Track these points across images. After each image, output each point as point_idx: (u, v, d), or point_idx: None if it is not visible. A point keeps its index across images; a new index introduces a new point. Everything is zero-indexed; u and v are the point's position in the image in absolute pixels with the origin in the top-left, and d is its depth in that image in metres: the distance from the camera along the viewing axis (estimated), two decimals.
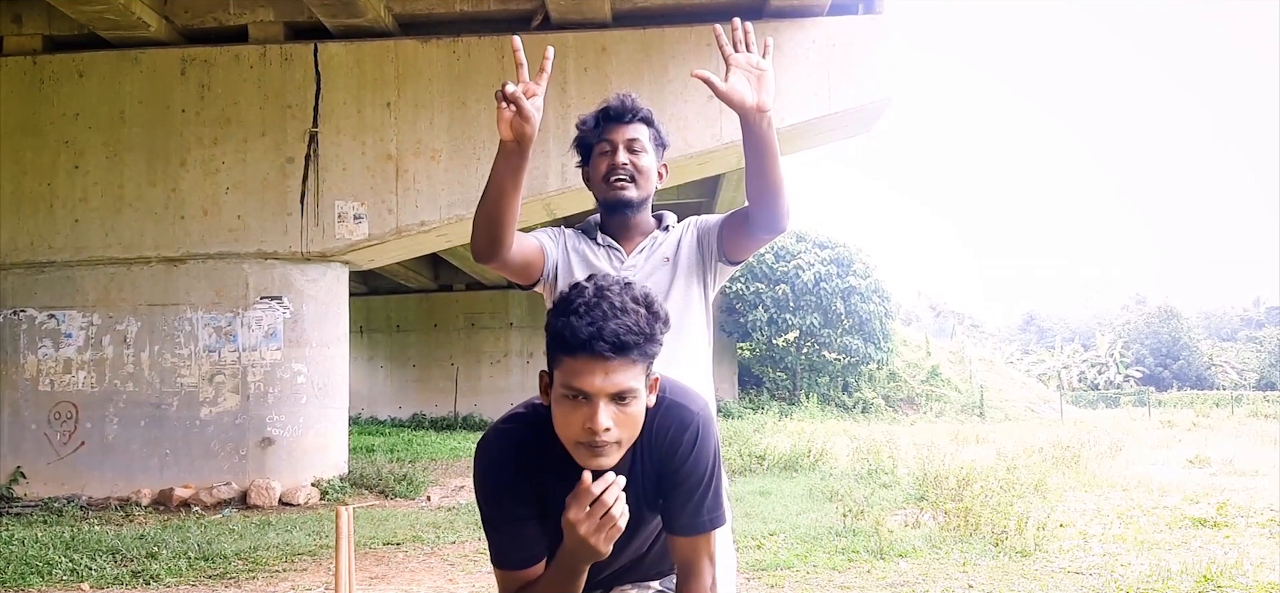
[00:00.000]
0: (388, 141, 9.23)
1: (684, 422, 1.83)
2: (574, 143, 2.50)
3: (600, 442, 1.66)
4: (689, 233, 2.51)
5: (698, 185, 15.10)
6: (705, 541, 1.88)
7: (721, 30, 2.21)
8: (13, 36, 9.52)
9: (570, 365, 1.65)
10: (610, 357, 1.62)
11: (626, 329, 1.63)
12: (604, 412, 1.64)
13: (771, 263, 26.15)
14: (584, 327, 1.62)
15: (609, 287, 1.68)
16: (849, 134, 10.28)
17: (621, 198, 2.42)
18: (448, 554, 6.56)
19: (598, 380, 1.63)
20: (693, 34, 9.07)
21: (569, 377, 1.65)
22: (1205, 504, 8.06)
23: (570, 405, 1.67)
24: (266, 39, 9.36)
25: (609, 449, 1.68)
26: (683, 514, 1.86)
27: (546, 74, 2.11)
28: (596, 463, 1.69)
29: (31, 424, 9.28)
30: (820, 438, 13.21)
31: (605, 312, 1.63)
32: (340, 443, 9.94)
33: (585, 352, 1.63)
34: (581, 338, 1.62)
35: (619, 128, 2.41)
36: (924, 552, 6.16)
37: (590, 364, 1.63)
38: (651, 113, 2.47)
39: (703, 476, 1.85)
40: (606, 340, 1.62)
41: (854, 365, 27.05)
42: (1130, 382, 46.80)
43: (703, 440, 1.84)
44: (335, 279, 9.72)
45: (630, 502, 1.83)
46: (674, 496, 1.86)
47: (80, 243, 9.35)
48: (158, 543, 6.77)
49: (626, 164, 2.40)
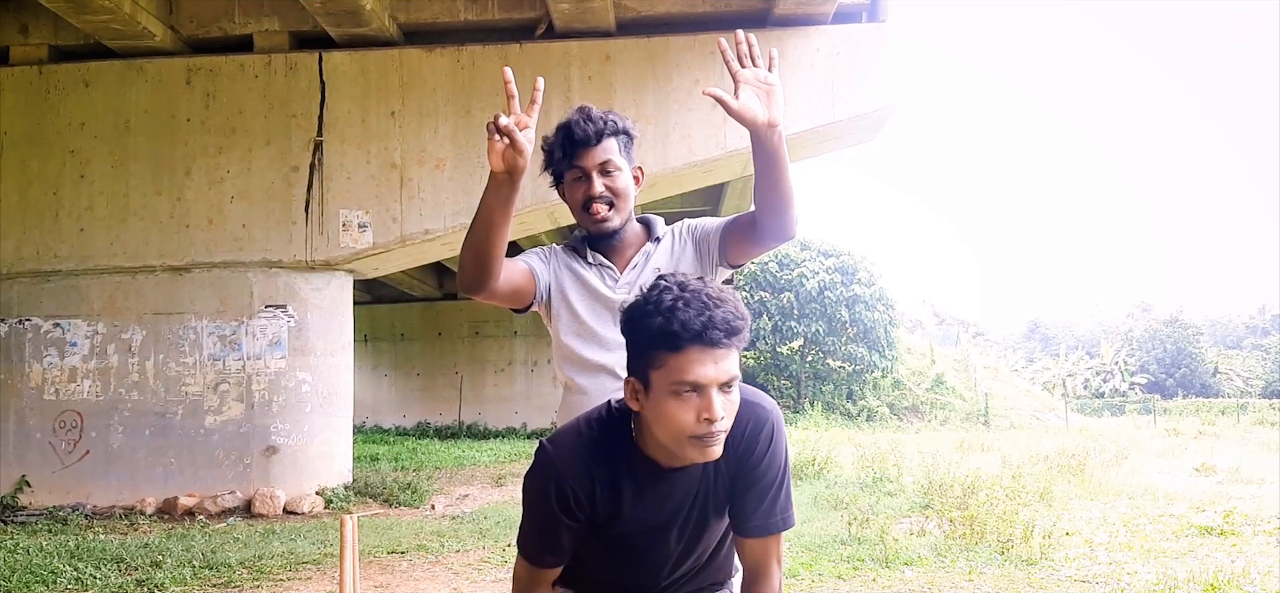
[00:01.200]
0: (392, 150, 9.25)
1: (760, 420, 1.85)
2: (543, 166, 2.42)
3: (717, 431, 1.69)
4: (684, 242, 2.46)
5: (702, 193, 15.11)
6: (775, 541, 1.90)
7: (725, 44, 2.19)
8: (19, 46, 9.56)
9: (679, 361, 1.66)
10: (723, 344, 1.66)
11: (735, 315, 1.67)
12: (718, 400, 1.67)
13: (775, 271, 26.16)
14: (695, 319, 1.65)
15: (690, 283, 1.70)
16: (853, 141, 10.28)
17: (604, 230, 2.37)
18: (452, 564, 6.55)
19: (710, 370, 1.66)
20: (697, 43, 9.08)
21: (681, 372, 1.66)
22: (1212, 513, 8.02)
23: (680, 402, 1.68)
24: (271, 48, 9.38)
25: (721, 439, 1.71)
26: (756, 514, 1.87)
27: (537, 106, 2.09)
28: (710, 455, 1.72)
29: (36, 433, 9.30)
30: (825, 446, 13.18)
31: (707, 302, 1.66)
32: (345, 452, 9.94)
33: (697, 343, 1.65)
34: (694, 330, 1.65)
35: (588, 153, 2.33)
36: (929, 560, 6.14)
37: (702, 354, 1.66)
38: (616, 119, 2.38)
39: (778, 474, 1.87)
40: (718, 328, 1.65)
41: (858, 374, 27.03)
42: (1135, 390, 46.69)
43: (778, 438, 1.87)
44: (340, 288, 9.73)
45: (700, 503, 1.84)
46: (748, 495, 1.86)
47: (85, 252, 9.37)
48: (162, 552, 6.77)
49: (602, 192, 2.33)
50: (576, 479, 1.80)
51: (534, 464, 1.85)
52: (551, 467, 1.82)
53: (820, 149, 10.48)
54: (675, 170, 9.11)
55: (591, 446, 1.82)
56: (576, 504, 1.81)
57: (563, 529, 1.84)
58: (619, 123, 2.37)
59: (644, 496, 1.83)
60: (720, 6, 9.14)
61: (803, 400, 26.16)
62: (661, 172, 9.02)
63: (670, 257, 2.44)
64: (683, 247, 2.46)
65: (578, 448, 1.83)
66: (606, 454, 1.81)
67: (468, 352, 23.02)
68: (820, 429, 20.76)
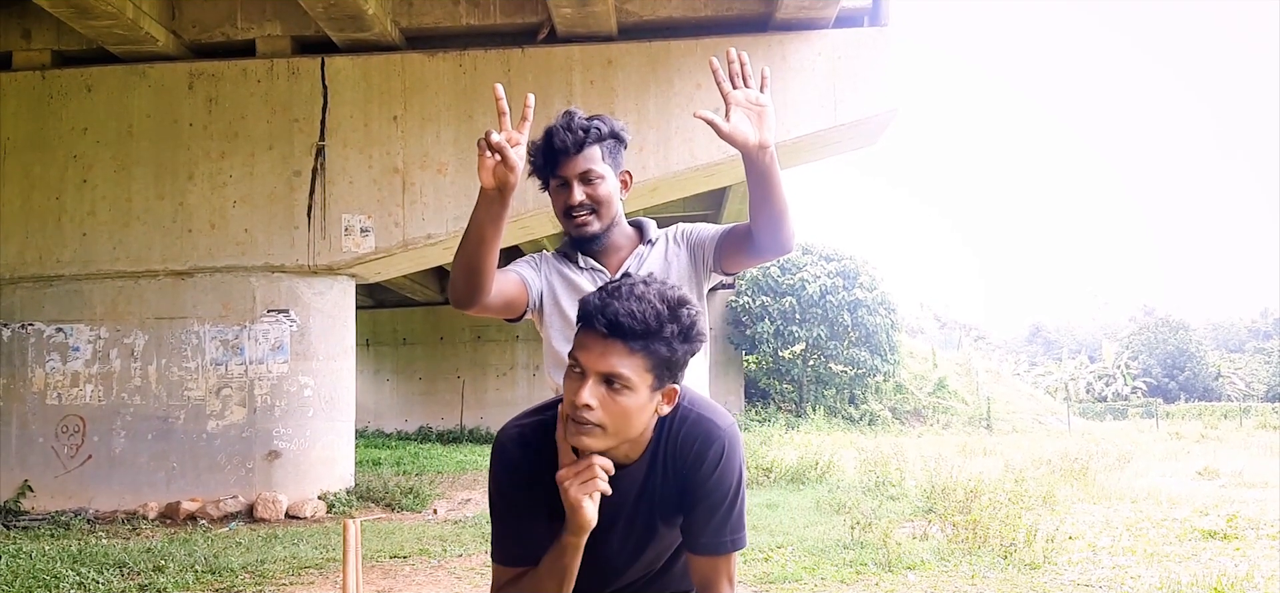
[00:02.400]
0: (394, 155, 9.25)
1: (710, 436, 1.83)
2: (528, 172, 2.41)
3: (582, 417, 1.68)
4: (678, 247, 2.46)
5: (705, 197, 15.14)
6: (726, 562, 1.88)
7: (717, 63, 2.19)
8: (21, 52, 9.58)
9: (576, 337, 1.72)
10: (607, 336, 1.67)
11: (629, 313, 1.66)
12: (589, 388, 1.68)
13: (777, 276, 26.16)
14: (598, 301, 1.69)
15: (641, 280, 1.73)
16: (855, 145, 10.28)
17: (585, 235, 2.39)
18: (454, 568, 6.55)
19: (590, 355, 1.68)
20: (699, 47, 9.09)
21: (574, 347, 1.72)
22: (1215, 516, 8.00)
23: (570, 378, 1.72)
24: (274, 53, 9.40)
25: (591, 430, 1.70)
26: (705, 533, 1.85)
27: (529, 123, 2.08)
28: (578, 441, 1.72)
29: (39, 438, 9.30)
30: (827, 450, 13.19)
31: (620, 295, 1.68)
32: (347, 456, 9.94)
33: (586, 326, 1.70)
34: (587, 312, 1.70)
35: (569, 162, 2.34)
36: (932, 565, 6.13)
37: (587, 339, 1.70)
38: (602, 124, 2.37)
39: (727, 494, 1.84)
40: (606, 318, 1.66)
41: (860, 378, 27.01)
42: (1137, 393, 46.67)
43: (729, 458, 1.83)
44: (342, 292, 9.74)
45: (645, 512, 1.83)
46: (696, 512, 1.84)
47: (88, 257, 9.38)
48: (164, 557, 6.77)
49: (583, 200, 2.35)
50: (513, 441, 1.84)
51: (491, 451, 1.90)
52: (503, 445, 1.87)
53: (822, 153, 10.48)
54: (677, 174, 9.11)
55: (540, 429, 1.85)
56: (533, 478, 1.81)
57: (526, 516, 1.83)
58: (604, 127, 2.36)
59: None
60: (722, 10, 9.15)
61: (805, 405, 26.15)
62: (664, 175, 9.03)
63: (663, 261, 2.44)
64: (677, 251, 2.45)
65: (528, 428, 1.87)
66: (548, 432, 1.83)
67: (469, 356, 23.04)
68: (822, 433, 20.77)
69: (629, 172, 2.48)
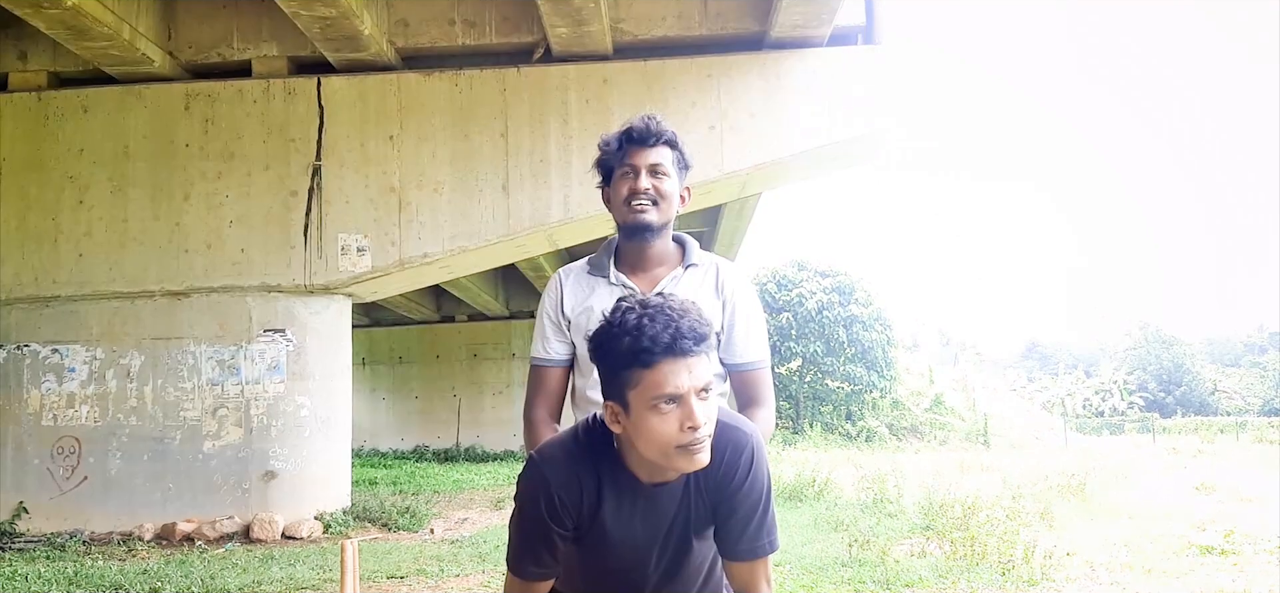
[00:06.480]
0: (391, 174, 9.27)
1: (739, 444, 1.85)
2: (596, 163, 2.49)
3: (702, 437, 1.71)
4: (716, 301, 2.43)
5: (700, 215, 15.16)
6: (763, 564, 1.91)
7: None
8: (18, 73, 9.59)
9: (654, 376, 1.69)
10: (693, 352, 1.69)
11: (699, 322, 1.71)
12: (698, 407, 1.69)
13: (774, 292, 26.20)
14: (663, 332, 1.68)
15: (650, 300, 1.74)
16: (850, 164, 10.31)
17: (641, 221, 2.40)
18: (451, 588, 6.53)
19: (685, 378, 1.68)
20: (693, 66, 9.13)
21: (658, 386, 1.69)
22: (1212, 532, 8.01)
23: (661, 416, 1.70)
24: (270, 74, 9.42)
25: (706, 444, 1.73)
26: (742, 539, 1.88)
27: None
28: (699, 461, 1.73)
29: (34, 459, 9.27)
30: (824, 467, 13.16)
31: (671, 315, 1.70)
32: (343, 476, 9.91)
33: (669, 355, 1.68)
34: (664, 342, 1.68)
35: (642, 151, 2.40)
36: (930, 582, 6.13)
37: (675, 365, 1.68)
38: (676, 135, 2.45)
39: (760, 497, 1.87)
40: (687, 337, 1.68)
41: (857, 394, 27.02)
42: (1134, 409, 46.68)
43: (758, 463, 1.87)
44: (338, 312, 9.73)
45: (680, 529, 1.85)
46: (732, 520, 1.87)
47: (84, 277, 9.37)
48: (161, 578, 6.74)
49: (649, 188, 2.39)
50: (563, 486, 1.83)
51: (524, 473, 1.89)
52: (541, 475, 1.85)
53: (816, 172, 10.51)
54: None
55: (578, 455, 1.86)
56: (562, 509, 1.83)
57: (551, 540, 1.86)
58: (678, 140, 2.47)
59: (624, 510, 1.85)
60: (717, 30, 9.19)
61: (802, 421, 26.13)
62: None
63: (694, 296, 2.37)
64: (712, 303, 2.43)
65: (565, 457, 1.86)
66: (592, 464, 1.84)
67: (466, 374, 22.98)
68: (819, 450, 20.72)
69: (688, 189, 2.53)
